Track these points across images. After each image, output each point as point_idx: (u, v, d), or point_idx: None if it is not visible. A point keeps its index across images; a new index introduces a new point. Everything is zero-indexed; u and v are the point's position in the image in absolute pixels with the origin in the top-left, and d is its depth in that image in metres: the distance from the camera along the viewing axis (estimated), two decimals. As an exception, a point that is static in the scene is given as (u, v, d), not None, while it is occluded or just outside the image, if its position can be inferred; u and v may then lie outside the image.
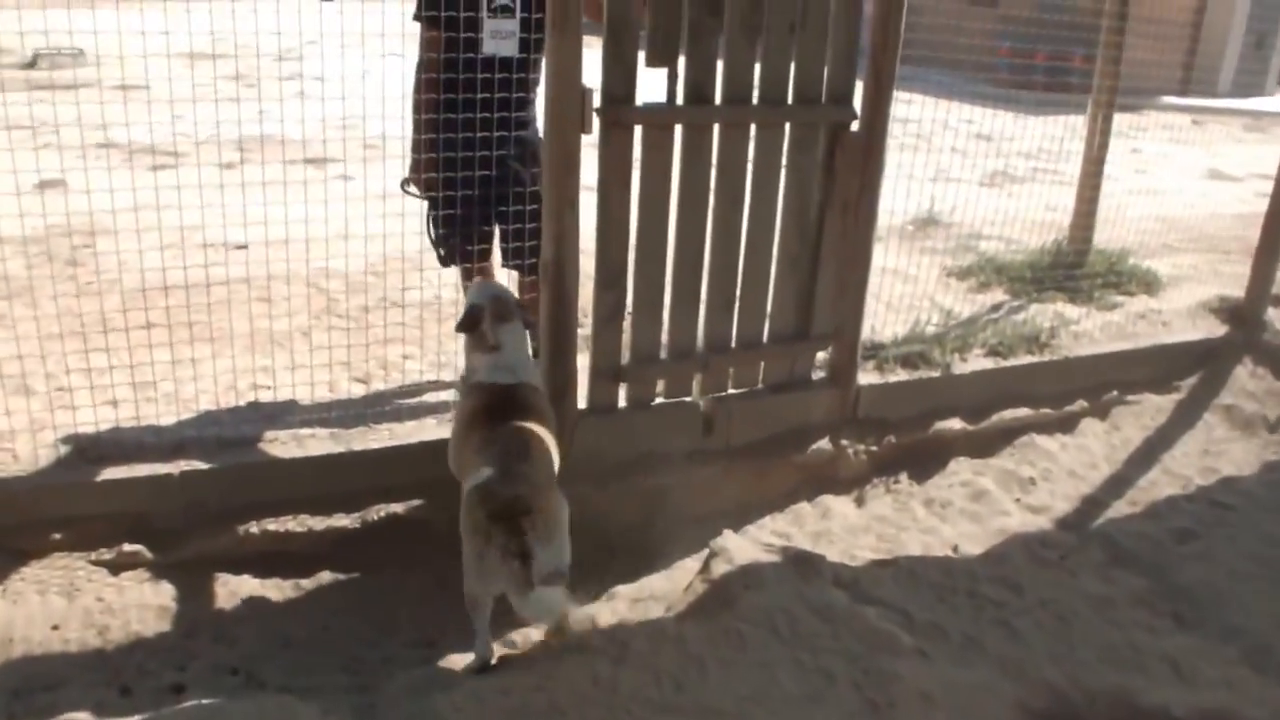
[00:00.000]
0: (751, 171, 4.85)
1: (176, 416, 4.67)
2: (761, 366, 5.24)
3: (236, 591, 4.34)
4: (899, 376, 5.57)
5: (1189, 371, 6.47)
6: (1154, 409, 6.24)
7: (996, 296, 6.63)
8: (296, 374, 4.86)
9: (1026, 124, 7.54)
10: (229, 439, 4.58)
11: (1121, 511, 5.39)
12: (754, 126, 4.79)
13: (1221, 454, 5.87)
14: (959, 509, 5.39)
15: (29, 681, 3.75)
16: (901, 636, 4.13)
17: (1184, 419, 6.19)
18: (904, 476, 5.56)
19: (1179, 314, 6.75)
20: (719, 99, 4.67)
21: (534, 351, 5.33)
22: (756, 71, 4.73)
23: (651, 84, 4.55)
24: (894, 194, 5.89)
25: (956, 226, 7.80)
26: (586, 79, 4.33)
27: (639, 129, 4.54)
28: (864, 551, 5.08)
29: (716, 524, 5.10)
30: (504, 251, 5.03)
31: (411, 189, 4.95)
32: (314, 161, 6.52)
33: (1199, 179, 12.03)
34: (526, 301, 4.90)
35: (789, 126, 4.87)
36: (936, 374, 5.64)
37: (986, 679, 4.03)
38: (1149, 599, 4.53)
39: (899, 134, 6.52)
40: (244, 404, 4.91)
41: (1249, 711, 3.86)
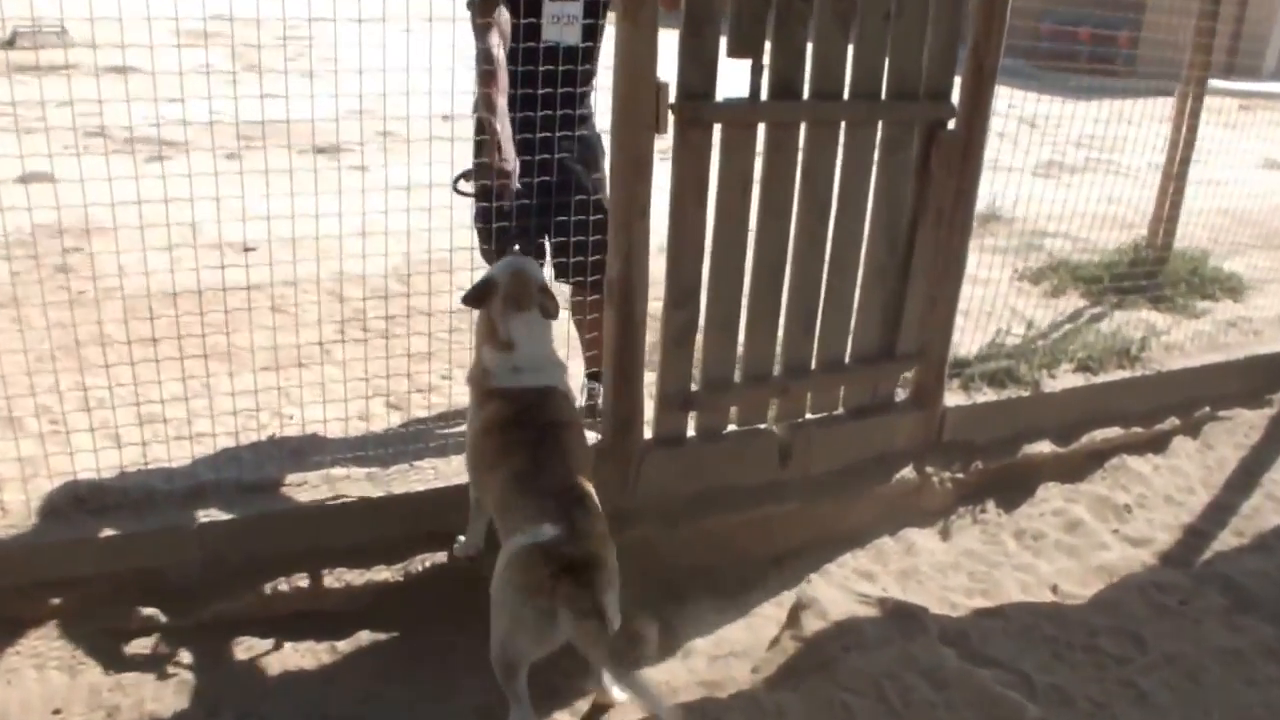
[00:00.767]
0: (839, 175, 4.13)
1: (190, 455, 3.93)
2: (842, 389, 4.52)
3: (264, 659, 3.65)
4: (986, 397, 4.87)
5: (1281, 385, 5.78)
6: (1247, 425, 5.57)
7: (1074, 303, 5.93)
8: (322, 400, 4.14)
9: (1075, 109, 6.77)
10: (251, 483, 3.87)
11: (1229, 544, 4.73)
12: (843, 125, 4.07)
13: (1329, 475, 5.19)
14: (1053, 541, 4.71)
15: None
16: (1026, 707, 3.48)
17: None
18: (991, 505, 4.87)
19: (1270, 322, 6.05)
20: (806, 94, 3.95)
21: (591, 383, 4.63)
22: (848, 64, 4.02)
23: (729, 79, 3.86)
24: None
25: (1019, 222, 7.06)
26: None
27: (718, 128, 3.82)
28: (956, 594, 4.40)
29: (793, 563, 4.47)
30: (557, 267, 4.28)
31: (464, 187, 4.16)
32: (325, 150, 5.71)
33: (1256, 168, 11.26)
34: (587, 324, 4.18)
35: (881, 125, 4.15)
36: (1026, 393, 4.94)
37: (1123, 761, 3.40)
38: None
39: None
40: (265, 438, 4.18)
41: None
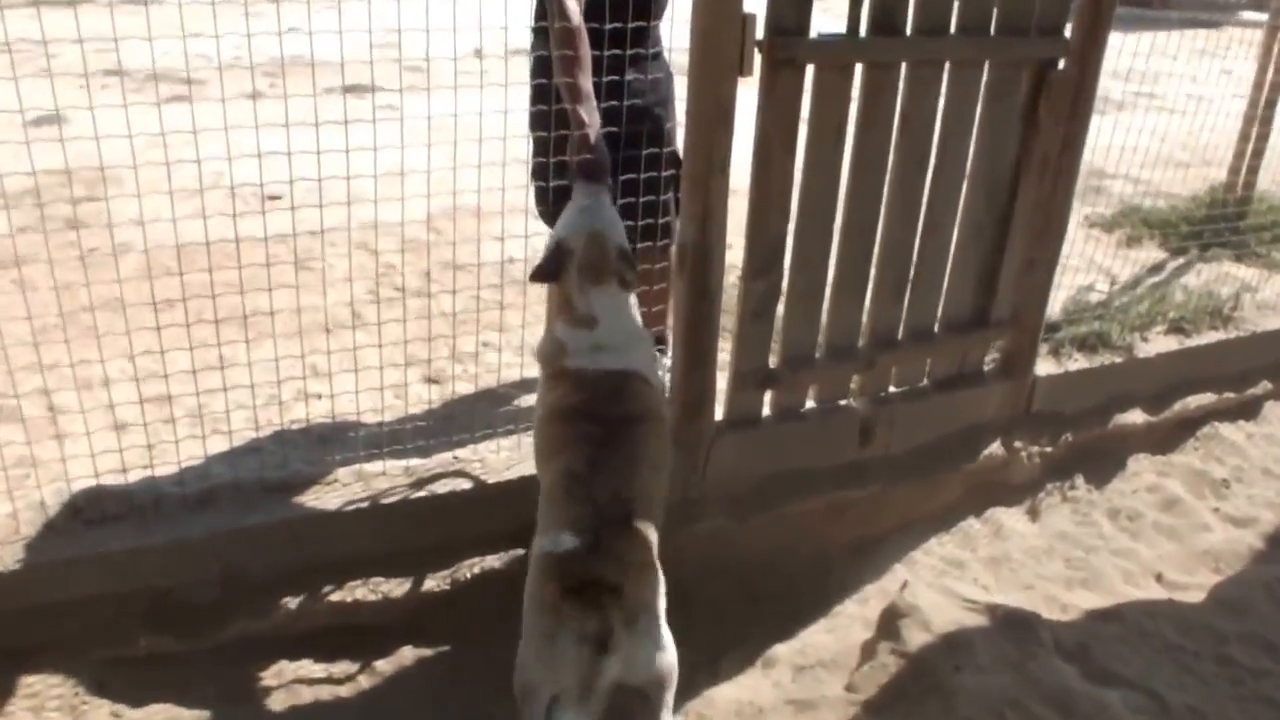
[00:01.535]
0: (940, 122, 3.44)
1: (203, 447, 3.26)
2: (929, 361, 3.87)
3: (295, 683, 3.06)
4: (1078, 363, 4.21)
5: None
6: (1341, 389, 4.92)
7: (1153, 254, 5.27)
8: (352, 373, 3.42)
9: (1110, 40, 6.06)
10: (274, 482, 3.22)
11: (1344, 524, 4.12)
12: (947, 65, 3.37)
13: None
14: (1151, 522, 4.11)
15: None
16: None
17: (1374, 399, 4.88)
18: (1080, 480, 4.26)
19: None
20: (909, 30, 3.25)
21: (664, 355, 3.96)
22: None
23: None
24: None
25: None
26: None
27: (811, 69, 3.12)
28: (1054, 585, 3.81)
29: (875, 551, 3.88)
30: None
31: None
32: (354, 90, 4.96)
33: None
34: (654, 293, 3.50)
35: (988, 66, 3.45)
36: (1119, 359, 4.29)
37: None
38: None
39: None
40: (290, 423, 3.50)
41: None
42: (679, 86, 3.24)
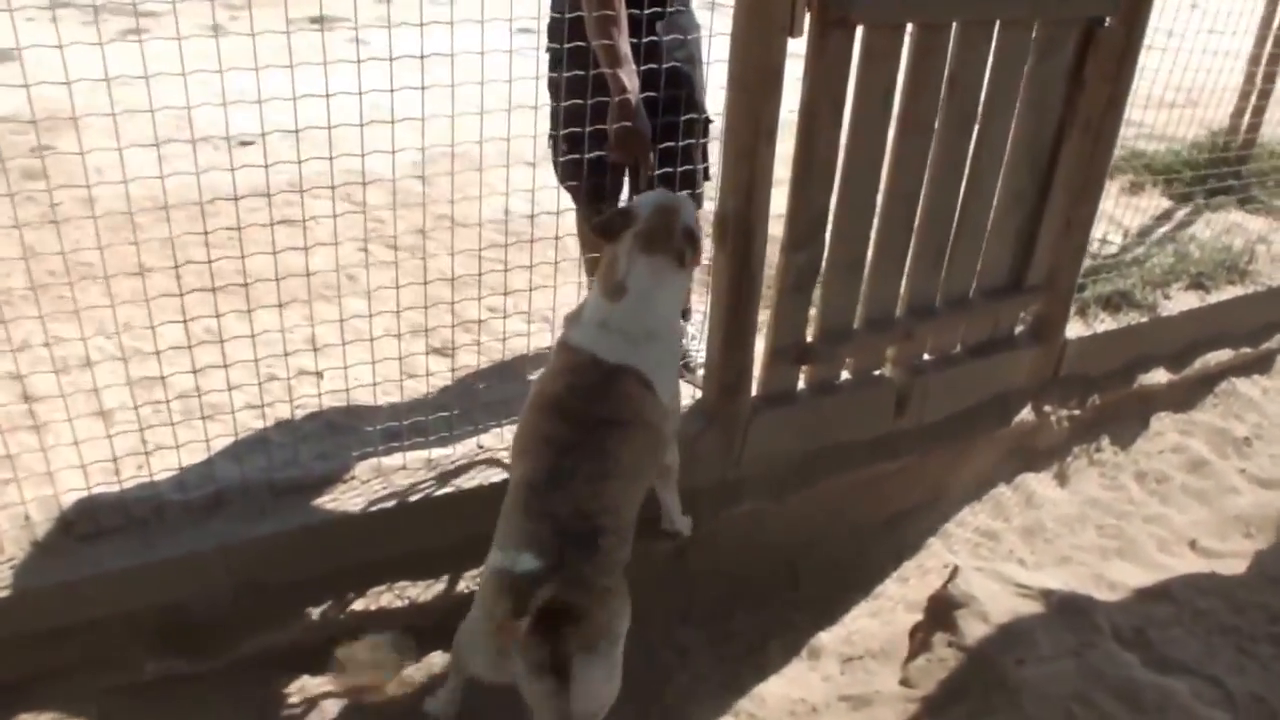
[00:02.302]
0: (987, 84, 3.07)
1: (204, 440, 2.82)
2: (963, 327, 3.53)
3: (320, 698, 2.71)
4: (1105, 325, 3.91)
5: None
6: (1349, 339, 4.67)
7: (1157, 201, 4.96)
8: (354, 346, 3.03)
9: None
10: (285, 483, 2.84)
11: (1367, 486, 3.89)
12: (997, 25, 2.99)
13: None
14: (1179, 485, 3.88)
15: None
16: None
17: (1384, 350, 4.65)
18: (1105, 441, 4.01)
19: None
20: (961, -14, 2.90)
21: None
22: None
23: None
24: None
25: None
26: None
27: (860, 30, 2.74)
28: (1090, 555, 3.59)
29: (908, 525, 3.65)
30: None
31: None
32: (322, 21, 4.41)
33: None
34: None
35: (1038, 24, 3.07)
36: (1144, 318, 3.99)
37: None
38: None
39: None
40: (296, 409, 3.07)
41: None
42: (719, 47, 2.83)
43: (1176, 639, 3.04)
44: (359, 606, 2.79)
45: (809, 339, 3.23)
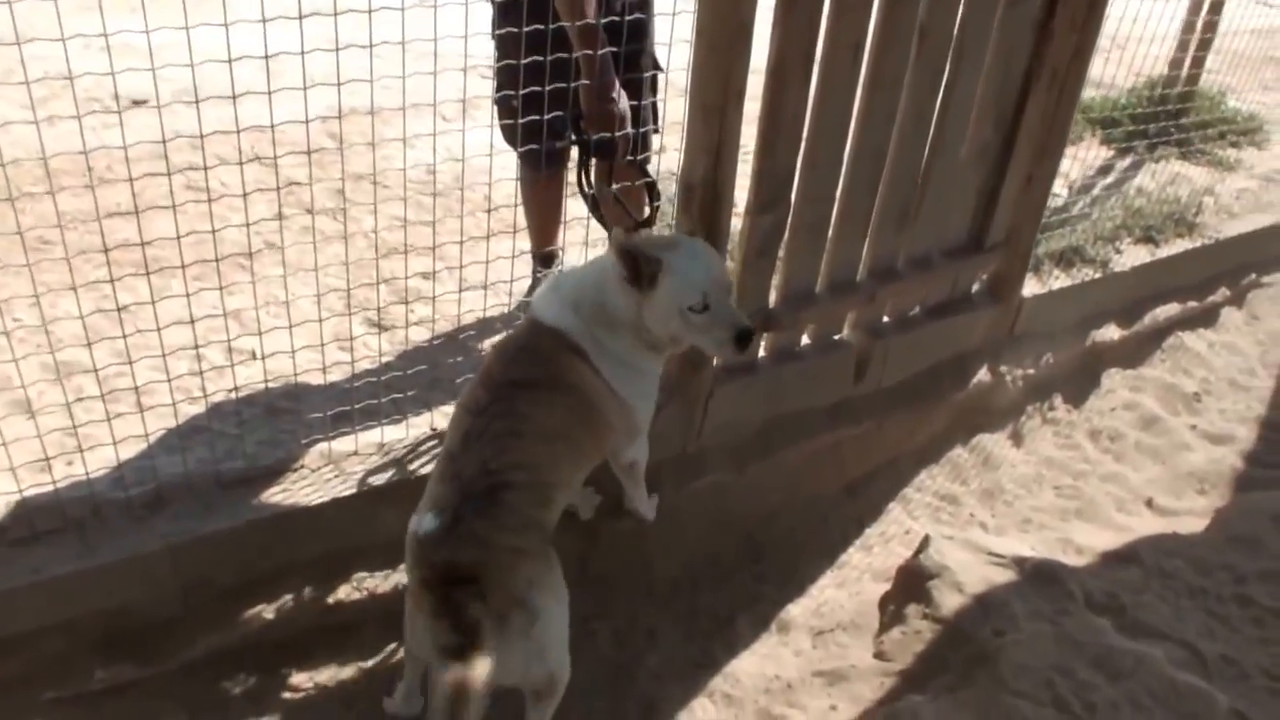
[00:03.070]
0: (956, 35, 2.97)
1: (143, 434, 2.58)
2: (925, 289, 3.47)
3: (278, 696, 2.57)
4: (1059, 282, 3.85)
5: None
6: (1287, 292, 4.74)
7: (1098, 153, 4.90)
8: (283, 322, 2.77)
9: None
10: (231, 475, 2.63)
11: (1314, 440, 3.94)
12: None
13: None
14: (1133, 443, 3.87)
15: None
16: (1215, 698, 2.64)
17: (1321, 303, 4.71)
18: (1058, 400, 3.97)
19: None
20: (934, -68, 2.77)
21: None
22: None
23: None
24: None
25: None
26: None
27: (832, -20, 2.62)
28: (1050, 517, 3.56)
29: (869, 490, 3.57)
30: (599, 144, 3.01)
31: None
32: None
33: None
34: (635, 192, 3.00)
35: (1009, -32, 2.99)
36: (1096, 274, 3.95)
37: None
38: None
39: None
40: (230, 392, 2.85)
41: None
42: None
43: (1147, 604, 3.02)
44: (314, 599, 2.65)
45: (770, 305, 3.16)
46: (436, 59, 2.45)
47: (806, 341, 3.30)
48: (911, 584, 3.00)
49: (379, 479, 2.69)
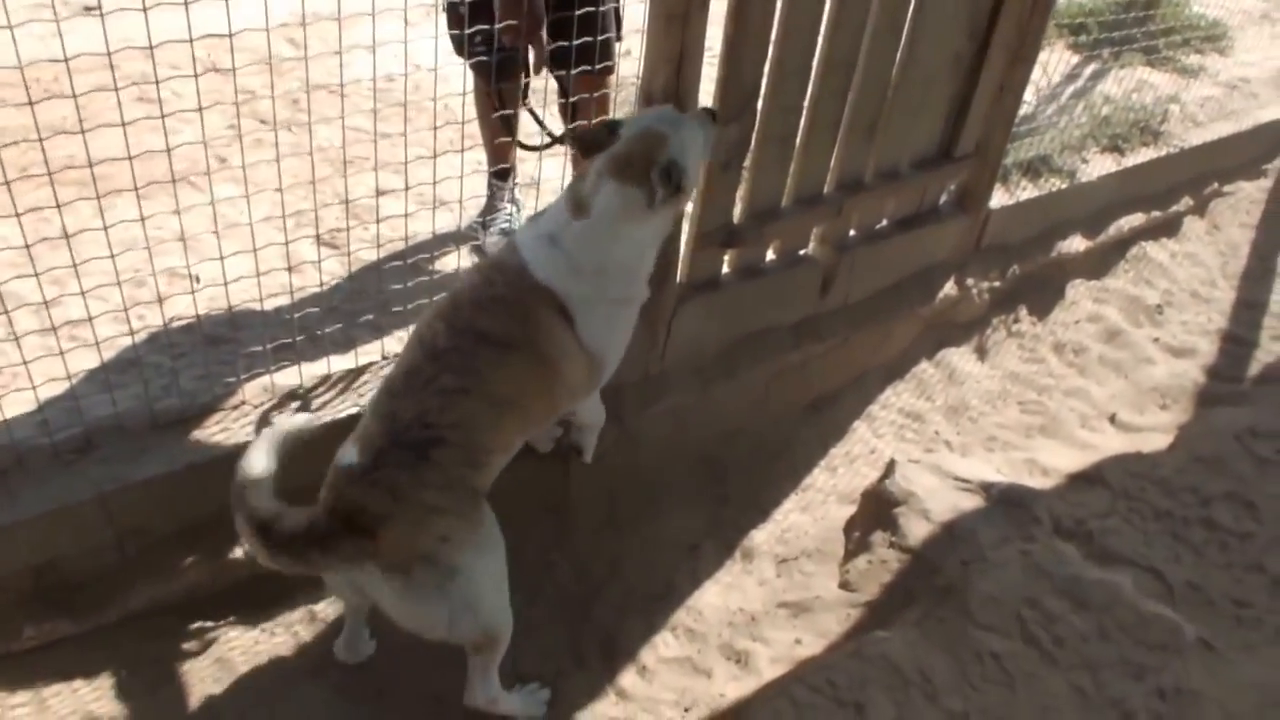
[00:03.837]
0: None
1: (65, 371, 2.38)
2: (893, 202, 3.33)
3: (223, 646, 2.44)
4: (1027, 192, 3.73)
5: (1275, 152, 4.86)
6: (1248, 201, 4.68)
7: (1064, 56, 4.72)
8: (230, 244, 2.49)
9: None
10: (166, 413, 2.45)
11: (1274, 352, 3.90)
12: None
13: (1335, 261, 4.40)
14: (1097, 356, 3.81)
15: None
16: (1181, 627, 2.61)
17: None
18: (1023, 312, 3.87)
19: (1265, 83, 5.00)
20: None
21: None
22: None
23: None
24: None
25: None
26: None
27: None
28: (1015, 433, 3.51)
29: (833, 409, 3.47)
30: (555, 53, 2.82)
31: None
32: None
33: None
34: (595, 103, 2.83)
35: None
36: (1063, 185, 3.83)
37: (1286, 674, 2.67)
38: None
39: None
40: (170, 321, 2.67)
41: None
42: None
43: (1114, 529, 2.95)
44: (260, 543, 2.53)
45: (736, 220, 3.01)
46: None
47: (771, 257, 3.17)
48: (877, 510, 2.92)
49: (325, 413, 2.55)
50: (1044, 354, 3.77)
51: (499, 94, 2.86)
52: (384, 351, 2.73)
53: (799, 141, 2.93)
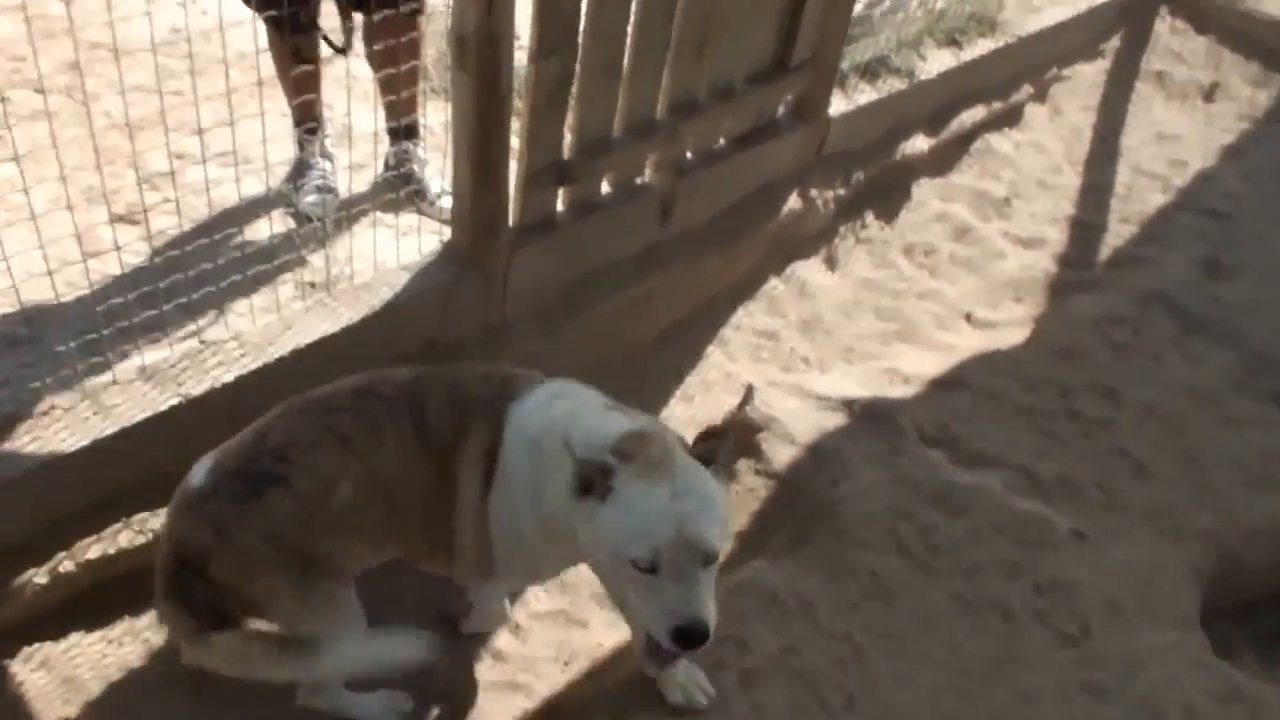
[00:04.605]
0: None
1: None
2: (729, 120, 3.28)
3: (72, 664, 2.33)
4: (866, 96, 3.71)
5: (1111, 31, 4.91)
6: (1088, 83, 4.72)
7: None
8: (14, 229, 2.35)
9: None
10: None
11: (1122, 235, 3.98)
12: None
13: (1177, 139, 4.51)
14: (947, 255, 3.85)
15: None
16: (1053, 521, 2.73)
17: (1119, 93, 4.72)
18: (870, 217, 3.87)
19: None
20: None
21: (401, 142, 3.23)
22: None
23: None
24: None
25: None
26: None
27: None
28: (872, 343, 3.54)
29: (683, 337, 3.45)
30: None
31: None
32: None
33: None
34: (402, 78, 2.71)
35: None
36: (902, 85, 3.81)
37: (1153, 554, 2.79)
38: (1242, 379, 3.28)
39: None
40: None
41: None
42: None
43: (979, 430, 2.98)
44: (94, 553, 2.35)
45: (566, 157, 2.93)
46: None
47: (607, 190, 3.10)
48: (740, 439, 2.90)
49: (143, 412, 2.39)
50: (894, 258, 3.78)
51: (295, 48, 2.72)
52: (200, 340, 2.58)
53: (625, 68, 2.83)
